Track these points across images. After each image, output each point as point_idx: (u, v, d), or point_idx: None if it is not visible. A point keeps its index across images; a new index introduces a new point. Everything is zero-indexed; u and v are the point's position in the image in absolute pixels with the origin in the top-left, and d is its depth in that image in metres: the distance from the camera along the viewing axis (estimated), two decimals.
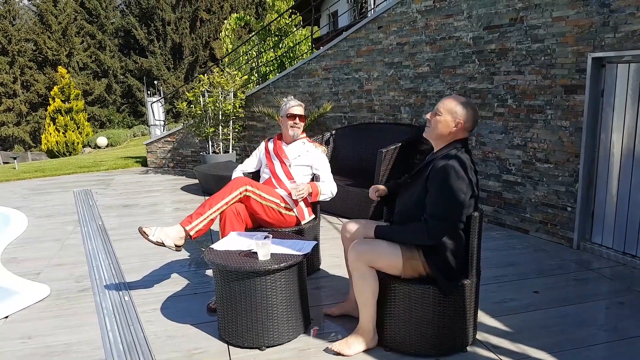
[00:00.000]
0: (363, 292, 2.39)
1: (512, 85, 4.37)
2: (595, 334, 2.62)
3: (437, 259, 2.31)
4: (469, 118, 2.35)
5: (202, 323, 2.82)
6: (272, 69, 10.43)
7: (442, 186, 2.23)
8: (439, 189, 2.24)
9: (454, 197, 2.23)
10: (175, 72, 27.89)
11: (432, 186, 2.27)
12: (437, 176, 2.25)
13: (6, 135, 25.68)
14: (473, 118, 2.36)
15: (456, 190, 2.22)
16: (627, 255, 3.64)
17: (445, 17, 4.90)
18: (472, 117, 2.36)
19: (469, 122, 2.35)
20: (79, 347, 2.61)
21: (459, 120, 2.34)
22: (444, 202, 2.24)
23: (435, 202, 2.25)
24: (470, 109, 2.36)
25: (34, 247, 4.36)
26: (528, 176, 4.33)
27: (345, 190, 4.79)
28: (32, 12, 27.40)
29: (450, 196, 2.23)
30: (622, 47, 3.52)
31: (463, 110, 2.34)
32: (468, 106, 2.36)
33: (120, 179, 7.77)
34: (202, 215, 3.01)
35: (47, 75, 25.87)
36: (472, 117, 2.36)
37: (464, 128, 2.35)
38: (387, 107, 5.78)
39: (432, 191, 2.27)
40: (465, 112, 2.34)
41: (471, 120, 2.36)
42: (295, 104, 3.49)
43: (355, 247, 2.39)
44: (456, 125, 2.35)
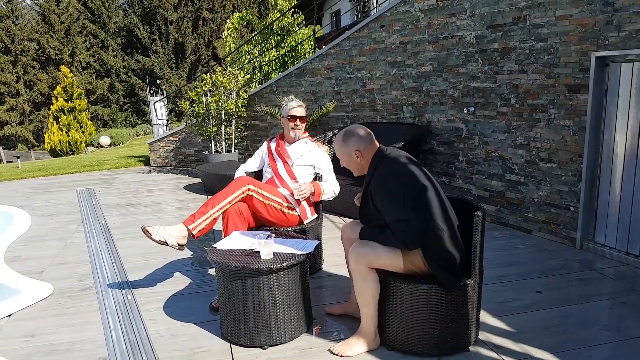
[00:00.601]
0: (364, 294, 2.39)
1: (515, 84, 4.36)
2: (597, 334, 2.62)
3: (435, 254, 2.31)
4: (357, 143, 2.40)
5: (205, 322, 2.82)
6: (275, 68, 10.44)
7: (388, 204, 2.29)
8: (386, 207, 2.30)
9: (404, 208, 2.26)
10: (177, 72, 27.92)
11: (381, 207, 2.32)
12: (380, 198, 2.31)
13: (9, 134, 25.75)
14: (359, 140, 2.40)
15: (403, 201, 2.27)
16: (630, 255, 3.63)
17: (448, 16, 4.89)
18: (358, 140, 2.40)
19: (359, 145, 2.40)
20: (82, 345, 2.61)
21: (355, 152, 2.41)
22: (399, 216, 2.27)
23: (389, 217, 2.30)
24: (349, 138, 2.40)
25: (37, 245, 4.37)
26: (531, 176, 4.32)
27: (347, 189, 4.78)
28: (34, 12, 27.47)
29: (400, 209, 2.27)
30: (625, 46, 3.51)
31: (348, 144, 2.41)
32: (347, 138, 2.41)
33: (123, 178, 7.79)
34: (204, 214, 3.02)
35: (50, 75, 25.93)
36: (357, 141, 2.40)
37: (365, 149, 2.40)
38: (390, 106, 5.77)
39: (383, 211, 2.32)
40: (351, 143, 2.40)
41: (359, 142, 2.40)
42: (296, 105, 3.48)
43: (355, 249, 2.39)
44: (358, 156, 2.41)
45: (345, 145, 2.43)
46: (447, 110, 5.07)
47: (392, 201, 2.27)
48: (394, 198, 2.27)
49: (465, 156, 4.95)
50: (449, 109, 5.06)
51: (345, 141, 2.42)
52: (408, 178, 2.29)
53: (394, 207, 2.28)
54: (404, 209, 2.26)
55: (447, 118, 5.08)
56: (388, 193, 2.28)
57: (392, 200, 2.27)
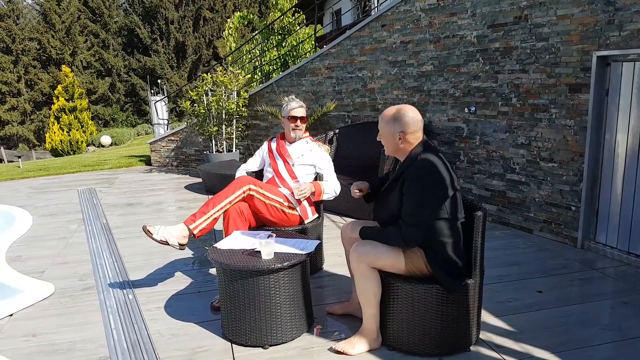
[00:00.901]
0: (365, 294, 2.39)
1: (516, 84, 4.35)
2: (599, 333, 2.61)
3: (437, 257, 2.31)
4: (407, 124, 2.32)
5: (206, 321, 2.82)
6: (276, 68, 10.43)
7: (414, 195, 2.26)
8: (411, 197, 2.26)
9: (427, 203, 2.25)
10: (178, 71, 27.94)
11: (405, 195, 2.28)
12: (408, 187, 2.26)
13: (10, 134, 25.78)
14: (412, 122, 2.33)
15: (429, 197, 2.25)
16: (632, 254, 3.62)
17: (449, 15, 4.89)
18: (410, 121, 2.32)
19: (409, 128, 2.32)
20: (83, 345, 2.62)
21: (399, 132, 2.34)
22: (417, 210, 2.26)
23: (409, 210, 2.28)
24: (402, 116, 2.33)
25: (38, 245, 4.38)
26: (532, 175, 4.31)
27: (348, 189, 4.77)
28: (35, 11, 27.49)
29: (423, 203, 2.25)
30: (627, 45, 3.50)
31: (396, 123, 2.34)
32: (399, 115, 2.34)
33: (124, 178, 7.80)
34: (205, 214, 3.02)
35: (51, 74, 25.95)
36: (409, 122, 2.32)
37: (410, 134, 2.33)
38: (391, 106, 5.76)
39: (405, 199, 2.28)
40: (399, 122, 2.33)
41: (410, 124, 2.32)
42: (297, 106, 3.47)
43: (356, 248, 2.39)
44: (399, 137, 2.34)
45: (393, 123, 2.35)
46: (448, 109, 5.07)
47: (419, 196, 2.24)
48: (423, 195, 2.24)
49: (466, 156, 4.95)
50: (450, 108, 5.05)
51: (395, 119, 2.34)
52: (441, 182, 2.26)
53: (418, 202, 2.25)
54: (424, 207, 2.25)
55: (448, 117, 5.08)
56: (420, 187, 2.24)
57: (420, 195, 2.24)
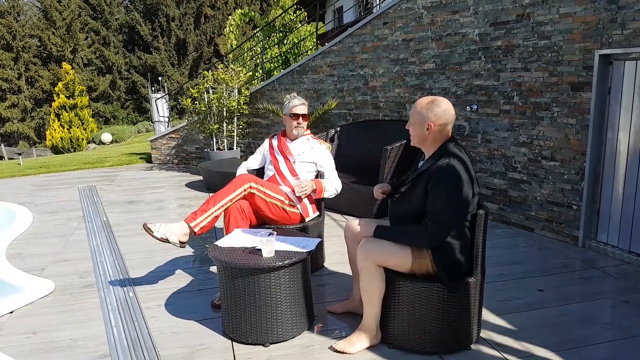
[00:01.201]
0: (370, 291, 2.39)
1: (518, 82, 4.34)
2: (599, 332, 2.61)
3: (445, 258, 2.31)
4: (438, 115, 2.29)
5: (206, 319, 2.82)
6: (277, 66, 10.42)
7: (443, 193, 2.22)
8: (440, 195, 2.22)
9: (455, 203, 2.23)
10: (179, 69, 27.91)
11: (432, 192, 2.24)
12: (437, 184, 2.23)
13: (11, 131, 25.78)
14: (443, 114, 2.29)
15: (457, 196, 2.22)
16: (633, 254, 3.62)
17: (451, 13, 4.87)
18: (441, 113, 2.29)
19: (439, 119, 2.29)
20: (84, 342, 2.62)
21: (429, 122, 2.31)
22: (446, 209, 2.22)
23: (437, 208, 2.23)
24: (435, 106, 2.30)
25: (38, 242, 4.38)
26: (534, 174, 4.31)
27: (349, 187, 4.78)
28: (36, 8, 27.46)
29: (451, 202, 2.22)
30: (629, 44, 3.49)
31: (428, 112, 2.31)
32: (432, 105, 2.31)
33: (125, 175, 7.79)
34: (206, 212, 3.02)
35: (52, 72, 25.93)
36: (441, 113, 2.29)
37: (440, 126, 2.31)
38: (392, 104, 5.76)
39: (432, 197, 2.24)
40: (431, 112, 2.30)
41: (441, 116, 2.29)
42: (299, 103, 3.47)
43: (364, 246, 2.38)
44: (428, 127, 2.31)
45: (427, 110, 2.31)
46: None
47: (448, 194, 2.22)
48: (452, 193, 2.21)
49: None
50: None
51: (429, 106, 2.31)
52: (469, 182, 2.24)
53: (447, 200, 2.21)
54: (454, 208, 2.23)
55: None
56: (449, 185, 2.21)
57: (448, 194, 2.22)
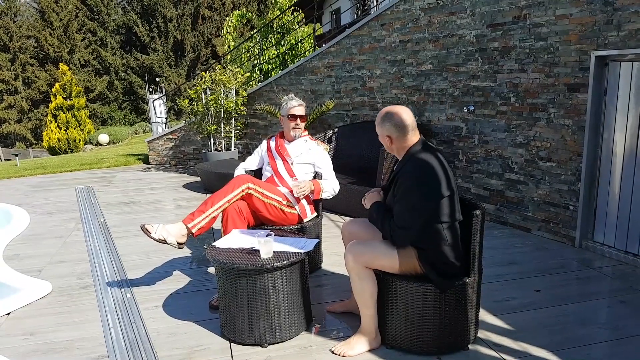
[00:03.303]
0: (362, 293, 2.40)
1: (515, 83, 4.36)
2: (596, 332, 2.62)
3: (432, 258, 2.31)
4: (390, 130, 2.34)
5: (204, 320, 2.82)
6: (274, 67, 10.42)
7: (402, 198, 2.28)
8: (400, 199, 2.29)
9: (414, 205, 2.26)
10: (176, 70, 27.90)
11: (395, 196, 2.31)
12: (398, 188, 2.29)
13: (7, 132, 25.72)
14: (395, 127, 2.33)
15: (416, 199, 2.26)
16: (629, 254, 3.63)
17: (448, 14, 4.89)
18: (393, 127, 2.34)
19: (392, 132, 2.34)
20: (81, 343, 2.61)
21: (386, 136, 2.37)
22: (404, 212, 2.27)
23: (397, 211, 2.30)
24: (386, 121, 2.35)
25: (36, 244, 4.37)
26: (530, 175, 4.32)
27: (347, 188, 4.78)
28: (33, 9, 27.40)
29: (410, 205, 2.26)
30: (625, 45, 3.51)
31: (382, 127, 2.38)
32: (385, 120, 2.36)
33: (122, 177, 7.78)
34: (204, 212, 3.02)
35: (49, 72, 25.89)
36: (392, 127, 2.34)
37: (397, 138, 2.35)
38: (390, 105, 5.76)
39: (396, 200, 2.30)
40: (384, 127, 2.36)
41: (393, 129, 2.34)
42: (296, 104, 3.47)
43: (351, 248, 2.39)
44: (388, 141, 2.38)
45: (380, 126, 2.39)
46: (447, 109, 5.07)
47: (408, 198, 2.26)
48: (411, 196, 2.25)
49: (464, 155, 4.95)
50: (448, 107, 5.05)
51: (381, 122, 2.38)
52: (430, 184, 2.26)
53: (407, 203, 2.26)
54: (413, 210, 2.26)
55: (447, 117, 5.08)
56: (408, 189, 2.26)
57: (408, 197, 2.26)
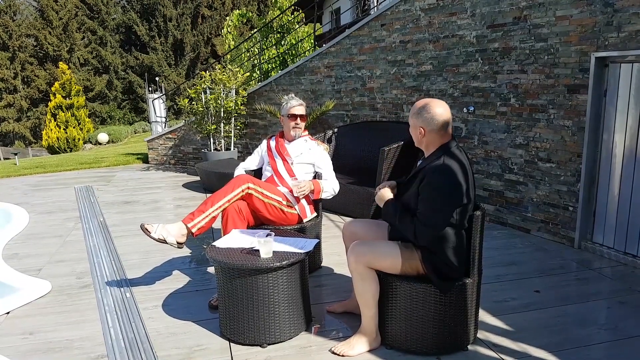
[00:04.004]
0: (363, 294, 2.39)
1: (515, 84, 4.36)
2: (596, 333, 2.63)
3: (435, 259, 2.31)
4: (427, 121, 2.31)
5: (204, 320, 2.82)
6: (274, 66, 10.42)
7: (432, 194, 2.25)
8: (428, 196, 2.26)
9: (442, 205, 2.25)
10: (176, 69, 27.88)
11: (422, 192, 2.28)
12: (427, 185, 2.26)
13: (7, 131, 25.69)
14: (432, 119, 2.30)
15: (445, 199, 2.25)
16: (628, 255, 3.64)
17: (448, 15, 4.89)
18: (430, 119, 2.31)
19: (428, 125, 2.31)
20: (81, 343, 2.61)
21: (420, 127, 2.34)
22: (432, 211, 2.25)
23: (424, 209, 2.27)
24: (424, 112, 2.32)
25: (35, 243, 4.36)
26: (530, 175, 4.32)
27: (347, 188, 4.78)
28: (32, 8, 27.37)
29: (439, 205, 2.25)
30: (625, 47, 3.51)
31: (418, 118, 2.34)
32: (422, 111, 2.32)
33: (122, 176, 7.77)
34: (204, 212, 3.02)
35: (48, 71, 25.86)
36: (429, 119, 2.31)
37: (431, 132, 2.32)
38: (390, 105, 5.77)
39: (421, 198, 2.28)
40: (420, 118, 2.32)
41: (430, 122, 2.31)
42: (297, 104, 3.47)
43: (354, 248, 2.39)
44: (420, 132, 2.34)
45: (416, 117, 2.35)
46: None
47: (436, 196, 2.24)
48: (440, 195, 2.24)
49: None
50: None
51: (418, 113, 2.34)
52: (460, 186, 2.26)
53: (434, 202, 2.24)
54: (440, 210, 2.24)
55: None
56: (438, 187, 2.24)
57: (436, 196, 2.24)
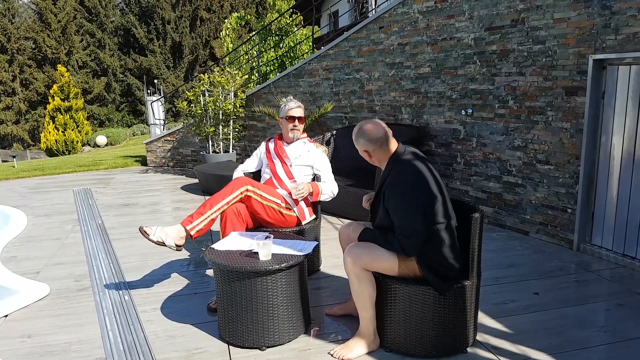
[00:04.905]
0: (360, 296, 2.40)
1: (513, 86, 4.37)
2: (594, 335, 2.63)
3: (430, 261, 2.32)
4: (366, 144, 2.38)
5: (203, 323, 2.82)
6: (273, 69, 10.43)
7: (397, 208, 2.28)
8: (396, 210, 2.29)
9: (412, 212, 2.26)
10: (175, 71, 27.88)
11: (389, 208, 2.32)
12: (389, 200, 2.30)
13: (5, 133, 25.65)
14: (369, 142, 2.36)
15: (412, 205, 2.26)
16: (627, 257, 3.64)
17: (446, 17, 4.90)
18: (366, 142, 2.37)
19: (369, 147, 2.37)
20: (79, 346, 2.60)
21: (364, 151, 2.41)
22: (405, 222, 2.27)
23: (398, 223, 2.30)
24: (359, 137, 2.38)
25: (33, 246, 4.35)
26: (528, 177, 4.33)
27: (345, 190, 4.78)
28: (31, 10, 27.36)
29: (409, 213, 2.26)
30: (623, 49, 3.52)
31: (358, 144, 2.41)
32: (358, 137, 2.39)
33: (120, 178, 7.77)
34: (202, 215, 3.01)
35: (47, 74, 25.84)
36: (366, 142, 2.37)
37: (374, 151, 2.37)
38: (388, 107, 5.78)
39: (391, 213, 2.31)
40: (360, 144, 2.39)
41: (368, 144, 2.37)
42: (295, 106, 3.48)
43: (350, 250, 2.39)
44: (367, 155, 2.42)
45: (356, 143, 2.43)
46: (445, 111, 5.08)
47: (402, 206, 2.27)
48: (404, 203, 2.26)
49: (463, 158, 4.96)
50: (447, 110, 5.06)
51: (356, 139, 2.42)
52: (420, 185, 2.27)
53: (403, 212, 2.27)
54: (412, 216, 2.26)
55: (445, 119, 5.09)
56: (399, 197, 2.27)
57: (402, 205, 2.27)
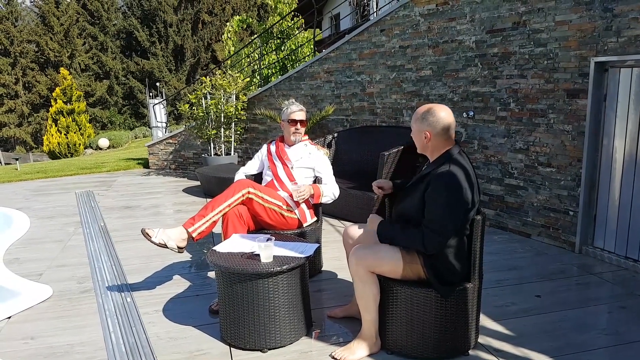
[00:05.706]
0: (364, 297, 2.39)
1: (514, 89, 4.37)
2: (596, 338, 2.62)
3: (437, 264, 2.31)
4: (433, 125, 2.30)
5: (204, 325, 2.82)
6: (274, 72, 10.46)
7: (440, 200, 2.23)
8: (434, 203, 2.24)
9: (451, 211, 2.23)
10: (177, 74, 27.97)
11: (429, 199, 2.26)
12: (433, 191, 2.24)
13: (8, 136, 25.74)
14: (437, 123, 2.29)
15: (454, 204, 2.23)
16: (629, 259, 3.64)
17: (448, 20, 4.91)
18: (435, 122, 2.29)
19: (434, 129, 2.30)
20: (82, 348, 2.61)
21: (425, 131, 2.32)
22: (442, 217, 2.23)
23: (433, 216, 2.24)
24: (429, 116, 2.30)
25: (36, 248, 4.36)
26: (530, 180, 4.33)
27: (347, 193, 4.79)
28: (34, 14, 27.50)
29: (448, 211, 2.22)
30: (625, 51, 3.53)
31: (423, 122, 2.32)
32: (427, 114, 2.31)
33: (122, 181, 7.78)
34: (204, 217, 3.02)
35: (49, 77, 25.95)
36: (435, 123, 2.29)
37: (436, 136, 2.31)
38: (389, 110, 5.78)
39: (429, 204, 2.26)
40: (425, 122, 2.31)
41: (436, 125, 2.29)
42: (297, 109, 3.48)
43: (355, 252, 2.39)
44: (426, 137, 2.33)
45: (420, 121, 2.33)
46: None
47: (444, 200, 2.22)
48: (447, 198, 2.22)
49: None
50: None
51: (422, 117, 2.33)
52: (467, 189, 2.24)
53: (442, 206, 2.22)
54: (447, 214, 2.22)
55: None
56: (445, 191, 2.22)
57: (444, 199, 2.22)
